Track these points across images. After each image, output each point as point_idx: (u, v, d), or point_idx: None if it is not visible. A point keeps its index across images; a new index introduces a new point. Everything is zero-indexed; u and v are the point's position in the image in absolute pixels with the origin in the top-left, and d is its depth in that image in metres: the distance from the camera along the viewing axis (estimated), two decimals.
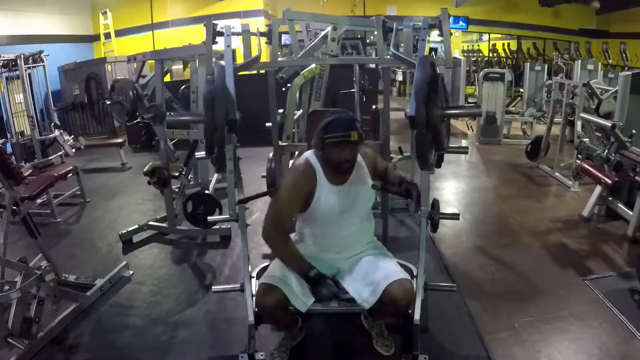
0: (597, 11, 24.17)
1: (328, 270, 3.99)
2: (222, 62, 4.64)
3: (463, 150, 5.52)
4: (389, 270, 3.84)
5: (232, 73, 4.22)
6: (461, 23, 23.97)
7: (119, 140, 12.27)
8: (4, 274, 4.75)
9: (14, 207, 4.93)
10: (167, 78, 9.69)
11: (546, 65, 14.93)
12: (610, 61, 21.77)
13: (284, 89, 6.19)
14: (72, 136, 12.97)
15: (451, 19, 21.94)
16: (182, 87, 9.83)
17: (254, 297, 4.20)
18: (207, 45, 5.38)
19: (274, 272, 3.94)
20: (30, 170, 9.37)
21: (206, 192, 7.18)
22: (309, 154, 4.05)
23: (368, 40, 22.11)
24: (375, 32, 5.86)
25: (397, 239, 6.54)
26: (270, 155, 5.94)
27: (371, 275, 3.84)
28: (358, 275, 3.96)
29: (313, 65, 6.08)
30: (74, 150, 12.12)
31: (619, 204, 7.10)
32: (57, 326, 4.70)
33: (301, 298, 3.79)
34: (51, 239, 6.93)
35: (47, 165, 10.12)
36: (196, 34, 11.24)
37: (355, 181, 4.01)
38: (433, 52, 17.47)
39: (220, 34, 5.54)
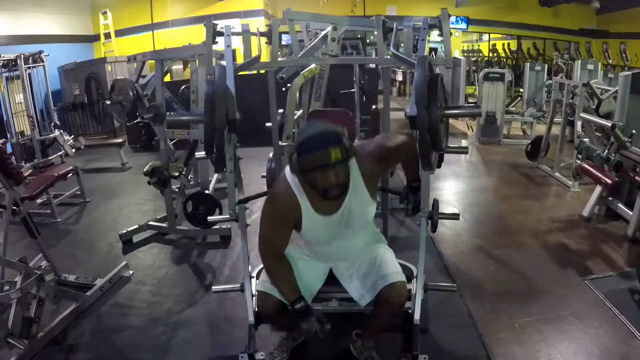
0: (597, 11, 24.18)
1: (324, 268, 4.01)
2: (223, 62, 4.65)
3: (463, 150, 5.53)
4: (386, 271, 3.74)
5: (233, 73, 4.21)
6: (461, 23, 23.96)
7: (119, 140, 12.26)
8: (4, 274, 4.76)
9: (14, 207, 4.93)
10: (167, 78, 9.69)
11: (546, 65, 14.93)
12: (610, 61, 21.78)
13: (284, 89, 6.18)
14: (72, 136, 12.98)
15: (452, 19, 21.96)
16: (182, 87, 9.85)
17: (254, 297, 4.20)
18: (207, 45, 5.36)
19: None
20: (30, 170, 9.41)
21: (206, 192, 7.18)
22: (290, 176, 3.44)
23: (368, 40, 22.13)
24: (375, 32, 5.86)
25: (397, 239, 6.53)
26: (270, 155, 5.93)
27: (369, 275, 3.79)
28: (357, 273, 3.90)
29: (313, 65, 6.06)
30: (74, 150, 12.12)
31: (619, 204, 7.10)
32: (57, 326, 4.70)
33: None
34: (51, 239, 6.92)
35: (47, 165, 10.14)
36: (196, 34, 11.25)
37: (349, 207, 3.50)
38: (433, 52, 17.52)
39: (220, 34, 5.53)
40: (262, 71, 7.00)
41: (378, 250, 3.95)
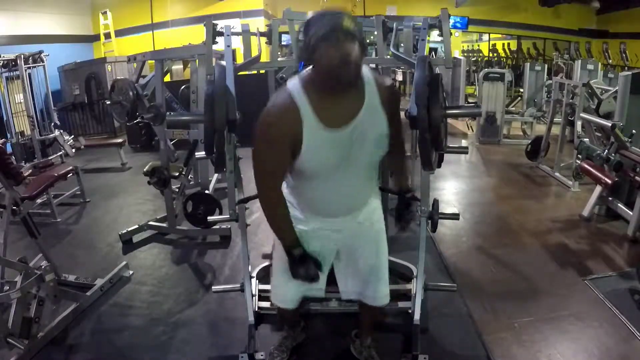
0: (597, 11, 24.18)
1: (334, 247, 3.55)
2: (223, 62, 4.65)
3: (463, 150, 5.52)
4: (377, 293, 3.63)
5: (233, 73, 4.21)
6: (459, 24, 23.96)
7: (119, 140, 12.26)
8: (4, 274, 4.77)
9: (14, 207, 4.94)
10: (167, 78, 9.69)
11: (546, 65, 14.94)
12: (610, 61, 21.78)
13: None
14: (72, 136, 12.97)
15: (452, 19, 21.96)
16: (182, 87, 9.84)
17: (254, 297, 4.21)
18: (207, 45, 5.37)
19: (280, 289, 3.67)
20: (30, 170, 9.38)
21: (206, 192, 7.18)
22: (292, 85, 2.94)
23: (368, 41, 22.12)
24: (375, 32, 5.86)
25: (397, 238, 6.50)
26: None
27: (361, 283, 3.64)
28: (353, 276, 3.66)
29: None
30: (74, 150, 12.12)
31: (619, 204, 7.11)
32: (57, 326, 4.71)
33: (313, 290, 3.56)
34: (51, 239, 6.93)
35: (47, 165, 10.12)
36: (196, 34, 11.25)
37: (362, 124, 2.95)
38: (433, 52, 17.52)
39: (220, 34, 5.54)
40: (262, 71, 7.01)
41: (380, 258, 3.63)
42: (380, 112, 2.99)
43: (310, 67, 2.84)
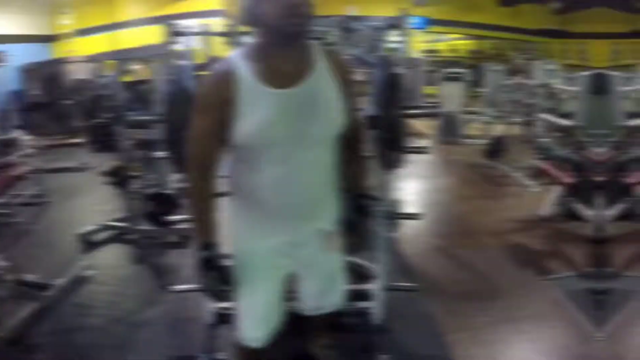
0: (557, 11, 24.37)
1: (289, 268, 3.07)
2: (183, 62, 4.66)
3: (423, 151, 5.56)
4: (329, 295, 3.36)
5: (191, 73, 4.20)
6: (415, 22, 24.07)
7: (80, 140, 12.18)
8: None
9: None
10: (127, 78, 9.65)
11: (506, 66, 15.04)
12: (570, 61, 21.97)
13: None
14: (33, 136, 12.88)
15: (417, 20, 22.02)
16: (142, 86, 9.80)
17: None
18: (166, 46, 5.36)
19: (251, 320, 3.08)
20: None
21: (165, 191, 7.16)
22: (233, 53, 2.70)
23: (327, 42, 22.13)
24: (334, 33, 5.88)
25: None
26: None
27: (315, 293, 3.36)
28: (307, 289, 3.37)
29: None
30: (34, 150, 12.04)
31: (578, 204, 7.17)
32: (16, 327, 4.67)
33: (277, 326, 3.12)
34: (11, 239, 6.88)
35: (7, 166, 10.05)
36: (156, 34, 11.23)
37: (311, 87, 2.59)
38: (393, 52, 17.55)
39: (181, 34, 5.53)
40: None
41: (336, 263, 3.28)
42: (331, 79, 2.64)
43: (254, 32, 2.62)
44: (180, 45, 5.41)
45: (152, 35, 15.46)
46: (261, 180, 2.68)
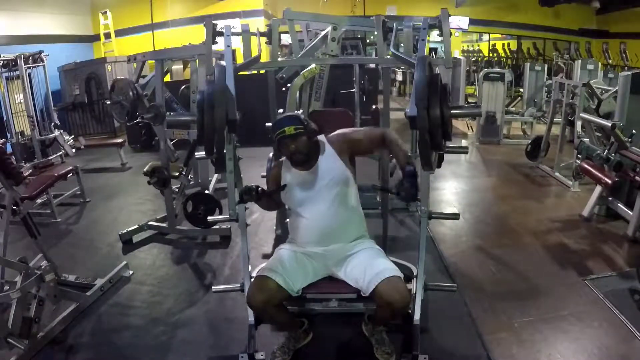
0: (597, 11, 24.17)
1: (320, 271, 4.14)
2: (222, 62, 4.65)
3: (463, 150, 5.52)
4: (378, 268, 3.84)
5: (232, 73, 4.21)
6: (461, 22, 23.95)
7: (119, 140, 12.28)
8: (4, 274, 4.76)
9: (14, 207, 4.93)
10: (167, 78, 9.69)
11: (546, 65, 14.96)
12: (610, 61, 21.78)
13: (284, 89, 6.18)
14: (72, 136, 12.99)
15: (457, 19, 21.98)
16: (182, 87, 9.83)
17: None
18: (207, 45, 5.35)
19: (263, 266, 4.14)
20: (30, 170, 9.39)
21: (206, 192, 7.18)
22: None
23: (368, 41, 22.11)
24: (375, 32, 5.86)
25: (397, 239, 6.53)
26: (270, 155, 5.91)
27: (362, 273, 3.87)
28: (350, 272, 4.01)
29: (313, 65, 6.05)
30: (74, 150, 12.12)
31: (619, 204, 7.10)
32: (57, 326, 4.71)
33: (288, 282, 3.87)
34: (51, 239, 6.95)
35: (47, 165, 10.15)
36: (196, 34, 11.25)
37: (321, 166, 4.14)
38: (433, 52, 17.50)
39: (220, 34, 5.53)
40: (262, 71, 7.00)
41: (369, 250, 4.14)
42: (336, 158, 4.17)
43: None
44: (220, 45, 5.40)
45: (192, 35, 15.60)
46: (298, 220, 4.23)
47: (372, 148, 4.31)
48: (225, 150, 4.12)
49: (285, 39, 8.75)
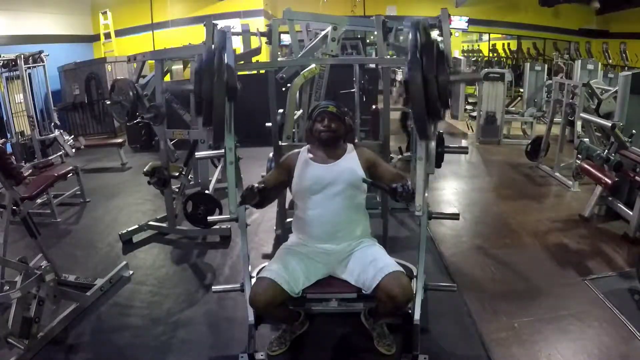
0: (597, 11, 24.19)
1: (322, 270, 4.16)
2: (224, 27, 4.72)
3: (463, 151, 5.52)
4: (382, 263, 3.89)
5: (233, 57, 4.16)
6: (461, 22, 23.96)
7: (119, 140, 12.30)
8: (4, 274, 4.76)
9: (14, 207, 4.93)
10: (167, 78, 9.69)
11: (546, 65, 14.98)
12: (610, 61, 21.79)
13: (284, 89, 6.19)
14: (72, 136, 12.97)
15: (458, 19, 22.01)
16: (182, 86, 9.83)
17: None
18: (207, 45, 5.36)
19: (266, 266, 4.12)
20: (30, 170, 9.40)
21: (206, 192, 7.17)
22: (302, 148, 4.52)
23: (368, 41, 22.12)
24: (375, 32, 5.86)
25: (397, 239, 6.54)
26: (270, 155, 5.92)
27: (365, 268, 3.92)
28: (353, 269, 4.06)
29: (313, 65, 6.06)
30: (74, 150, 12.12)
31: (619, 204, 7.10)
32: (57, 326, 4.72)
33: (290, 284, 3.86)
34: (51, 239, 6.95)
35: (47, 165, 10.13)
36: (196, 34, 11.25)
37: (340, 164, 4.26)
38: None
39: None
40: (262, 71, 7.00)
41: (372, 247, 4.23)
42: (357, 162, 4.29)
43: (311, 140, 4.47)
44: None
45: (192, 35, 15.61)
46: (304, 212, 4.31)
47: (383, 177, 4.17)
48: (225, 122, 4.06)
49: (286, 39, 8.76)
